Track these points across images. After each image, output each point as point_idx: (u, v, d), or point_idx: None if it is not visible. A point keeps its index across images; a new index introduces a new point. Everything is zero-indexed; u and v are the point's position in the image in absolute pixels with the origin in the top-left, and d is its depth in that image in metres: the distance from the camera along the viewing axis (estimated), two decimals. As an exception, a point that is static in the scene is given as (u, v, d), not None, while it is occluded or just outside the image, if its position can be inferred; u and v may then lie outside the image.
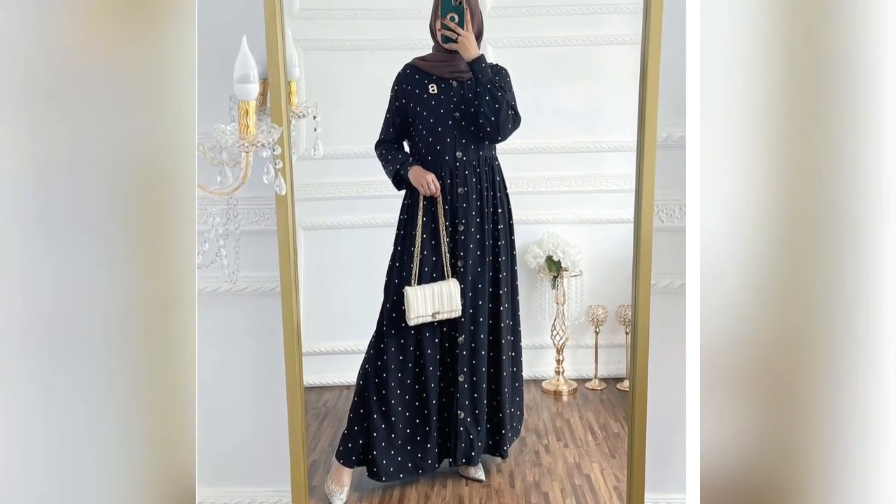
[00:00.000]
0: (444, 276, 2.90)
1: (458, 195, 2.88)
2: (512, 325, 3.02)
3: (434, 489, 2.99)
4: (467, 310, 2.92)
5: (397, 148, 2.95)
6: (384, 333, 2.94)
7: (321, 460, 3.05)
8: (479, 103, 2.81)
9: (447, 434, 2.99)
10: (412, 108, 2.90)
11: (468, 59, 2.80)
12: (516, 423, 3.09)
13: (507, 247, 2.96)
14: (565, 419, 3.20)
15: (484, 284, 2.93)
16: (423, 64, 2.90)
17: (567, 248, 3.06)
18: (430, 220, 2.89)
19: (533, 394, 3.23)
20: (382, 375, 2.94)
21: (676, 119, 2.62)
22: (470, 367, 2.95)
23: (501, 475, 3.04)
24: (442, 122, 2.87)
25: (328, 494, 2.95)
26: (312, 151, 2.84)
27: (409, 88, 2.90)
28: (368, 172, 2.97)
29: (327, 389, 3.20)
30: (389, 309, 2.93)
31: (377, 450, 2.94)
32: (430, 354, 2.94)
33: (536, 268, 3.10)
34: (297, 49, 2.69)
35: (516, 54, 2.97)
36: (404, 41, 2.96)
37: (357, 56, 3.01)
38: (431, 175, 2.87)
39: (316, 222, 3.04)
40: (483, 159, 2.90)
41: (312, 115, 2.78)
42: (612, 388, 3.25)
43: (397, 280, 2.92)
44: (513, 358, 3.03)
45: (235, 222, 2.05)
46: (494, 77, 2.81)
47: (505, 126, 2.83)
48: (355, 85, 3.02)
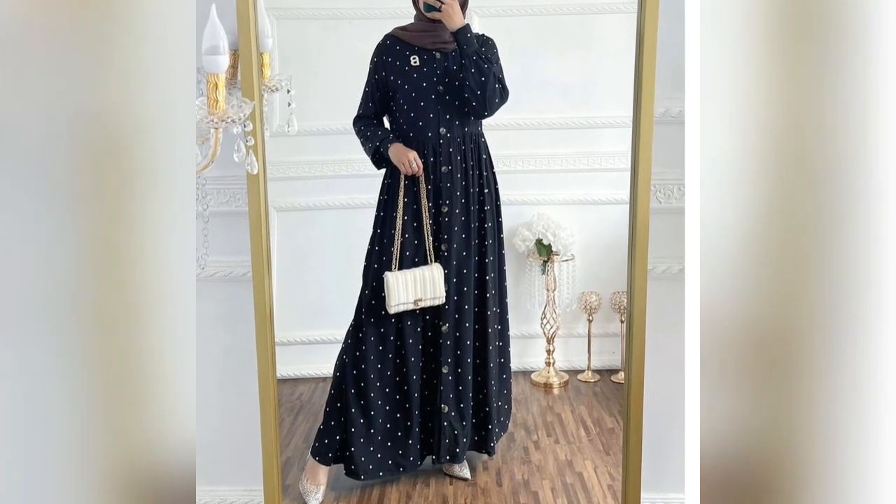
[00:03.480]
0: (427, 261, 2.88)
1: (442, 174, 2.86)
2: (499, 314, 3.00)
3: (416, 488, 2.96)
4: (451, 297, 2.90)
5: (377, 124, 2.94)
6: (363, 322, 2.91)
7: (295, 457, 3.02)
8: (464, 76, 2.78)
9: (430, 429, 2.98)
10: (393, 81, 2.88)
11: (452, 29, 2.77)
12: (504, 418, 3.07)
13: (494, 229, 2.94)
14: (556, 413, 3.17)
15: (469, 269, 2.92)
16: (405, 34, 2.88)
17: (558, 231, 3.04)
18: (411, 200, 2.87)
19: (522, 386, 3.20)
20: (361, 367, 2.92)
21: (675, 93, 2.60)
22: (454, 358, 2.94)
23: (488, 473, 3.01)
24: (424, 97, 2.85)
25: (303, 494, 2.92)
26: (286, 128, 2.87)
27: (390, 60, 2.87)
28: (346, 150, 2.95)
29: (302, 382, 3.18)
30: (368, 296, 2.91)
31: (355, 446, 2.92)
32: (412, 344, 2.92)
33: (525, 252, 3.09)
34: (269, 18, 2.73)
35: (504, 24, 2.97)
36: (384, 10, 2.95)
37: (334, 25, 2.99)
38: (413, 153, 2.83)
39: (290, 203, 3.01)
40: (468, 136, 2.88)
41: (286, 89, 2.81)
42: (606, 380, 3.23)
43: (377, 265, 2.89)
44: (500, 348, 3.02)
45: (204, 203, 2.00)
46: (480, 48, 2.79)
47: (492, 100, 2.81)
48: (332, 57, 3.00)
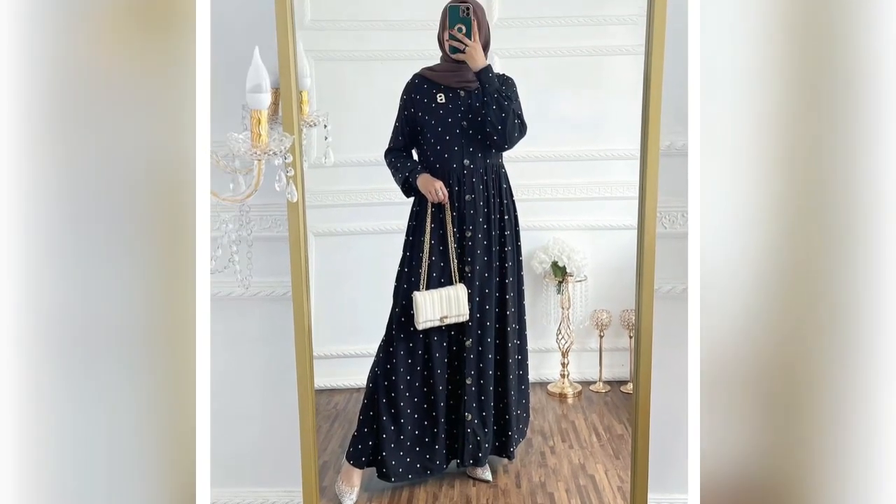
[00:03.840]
0: (452, 281, 2.91)
1: (466, 202, 2.89)
2: (518, 329, 3.02)
3: (442, 489, 3.00)
4: (474, 314, 2.92)
5: (406, 156, 2.97)
6: (393, 337, 2.94)
7: (332, 461, 3.06)
8: (487, 112, 2.82)
9: (455, 435, 3.00)
10: (421, 116, 2.91)
11: (475, 69, 2.82)
12: (522, 425, 3.10)
13: (513, 252, 2.96)
14: (570, 421, 3.20)
15: (491, 289, 2.94)
16: (432, 74, 2.91)
17: (572, 254, 3.07)
18: (438, 226, 2.90)
19: (539, 396, 3.22)
20: (392, 378, 2.95)
21: (679, 127, 2.64)
22: (477, 370, 2.96)
23: (508, 476, 3.04)
24: (450, 131, 2.89)
25: (339, 495, 2.97)
26: (323, 159, 2.88)
27: (418, 98, 2.92)
28: (378, 180, 2.98)
29: (337, 392, 3.19)
30: (398, 313, 2.94)
31: (387, 451, 2.95)
32: (439, 358, 2.94)
33: (542, 273, 3.11)
34: (308, 59, 2.72)
35: (522, 64, 2.98)
36: (413, 51, 2.97)
37: (367, 66, 3.01)
38: (440, 182, 2.88)
39: (327, 229, 3.04)
40: (490, 167, 2.91)
41: (323, 124, 2.81)
42: (616, 390, 3.24)
43: (406, 285, 2.93)
44: (519, 361, 3.04)
45: (248, 228, 2.07)
46: (501, 86, 2.83)
47: (511, 134, 2.84)
48: (365, 94, 3.03)
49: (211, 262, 1.90)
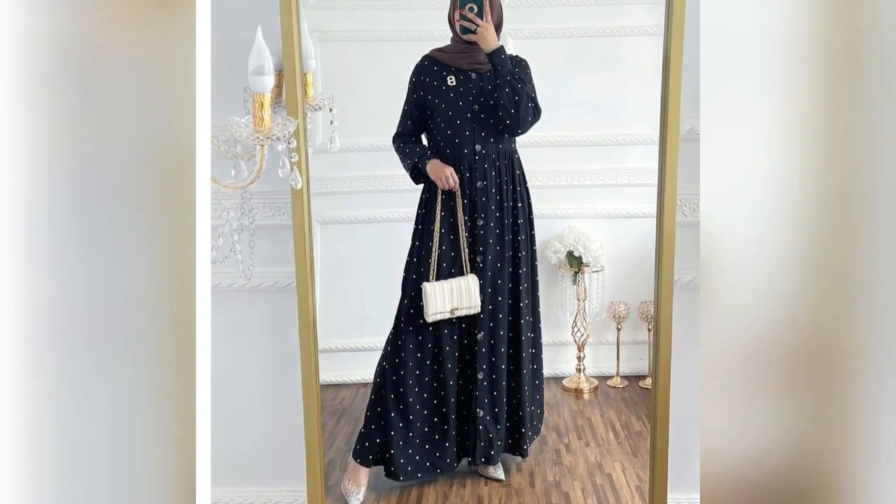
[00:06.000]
0: (463, 272, 2.89)
1: (478, 189, 2.87)
2: (532, 322, 3.01)
3: (453, 489, 2.98)
4: (486, 306, 2.91)
5: (415, 141, 2.96)
6: (402, 330, 2.93)
7: (337, 459, 3.05)
8: (499, 95, 2.80)
9: (466, 433, 2.99)
10: (430, 100, 2.89)
11: (487, 51, 2.79)
12: (536, 422, 3.09)
13: (527, 242, 2.95)
14: (586, 417, 3.19)
15: (503, 280, 2.93)
16: (442, 55, 2.90)
17: (588, 243, 3.06)
18: (448, 214, 2.89)
19: (553, 391, 3.21)
20: (400, 373, 2.94)
21: (699, 112, 2.55)
22: (489, 365, 2.95)
23: (521, 474, 3.03)
24: (461, 115, 2.87)
25: (345, 494, 2.94)
26: (328, 144, 2.87)
27: (428, 80, 2.90)
28: (385, 166, 2.97)
29: (344, 387, 3.20)
30: (407, 305, 2.93)
31: (395, 449, 2.94)
32: (449, 351, 2.93)
33: (557, 263, 3.10)
34: (312, 40, 2.71)
35: (536, 45, 2.97)
36: (422, 32, 2.97)
37: (374, 47, 3.01)
38: (450, 169, 2.85)
39: (332, 217, 3.04)
40: (502, 152, 2.89)
41: (328, 108, 2.81)
42: (634, 385, 3.24)
43: (415, 276, 2.92)
44: (533, 355, 3.03)
45: (250, 217, 2.03)
46: (514, 69, 2.81)
47: (525, 118, 2.82)
48: (372, 77, 3.01)
49: (212, 251, 1.86)
